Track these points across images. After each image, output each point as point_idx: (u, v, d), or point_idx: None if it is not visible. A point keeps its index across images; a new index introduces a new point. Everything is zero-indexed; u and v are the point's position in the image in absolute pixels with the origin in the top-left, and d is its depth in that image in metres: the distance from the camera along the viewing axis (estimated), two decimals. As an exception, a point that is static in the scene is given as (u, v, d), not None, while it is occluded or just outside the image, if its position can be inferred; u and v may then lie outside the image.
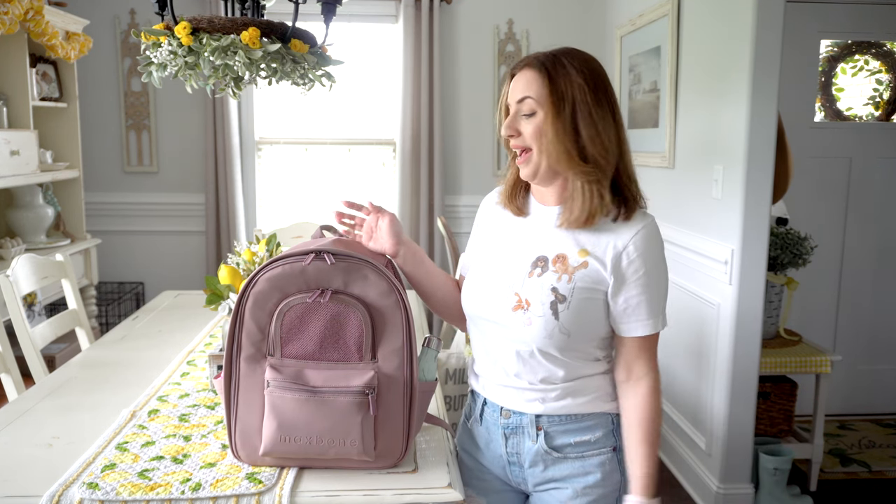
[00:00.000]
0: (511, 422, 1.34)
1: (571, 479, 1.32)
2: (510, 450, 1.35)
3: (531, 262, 1.30)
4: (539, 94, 1.25)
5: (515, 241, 1.35)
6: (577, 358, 1.30)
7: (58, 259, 2.37)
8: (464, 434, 1.46)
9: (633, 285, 1.26)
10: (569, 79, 1.24)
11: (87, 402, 1.68)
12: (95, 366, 1.95)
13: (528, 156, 1.28)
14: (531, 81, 1.26)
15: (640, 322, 1.27)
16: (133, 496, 1.22)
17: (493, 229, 1.42)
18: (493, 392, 1.37)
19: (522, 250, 1.33)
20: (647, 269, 1.26)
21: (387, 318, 1.28)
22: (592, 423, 1.32)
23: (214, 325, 2.31)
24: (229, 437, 1.32)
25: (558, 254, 1.29)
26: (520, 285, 1.29)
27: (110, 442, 1.43)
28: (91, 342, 2.34)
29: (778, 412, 2.88)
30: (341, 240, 1.41)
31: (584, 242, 1.28)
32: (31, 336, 2.06)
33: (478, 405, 1.41)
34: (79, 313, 2.36)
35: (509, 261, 1.33)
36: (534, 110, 1.26)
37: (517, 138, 1.29)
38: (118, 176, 4.08)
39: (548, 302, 1.25)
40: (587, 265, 1.26)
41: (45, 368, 2.08)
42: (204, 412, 1.61)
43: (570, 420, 1.31)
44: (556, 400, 1.30)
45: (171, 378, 1.83)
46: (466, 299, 1.38)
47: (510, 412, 1.34)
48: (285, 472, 1.30)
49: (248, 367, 1.29)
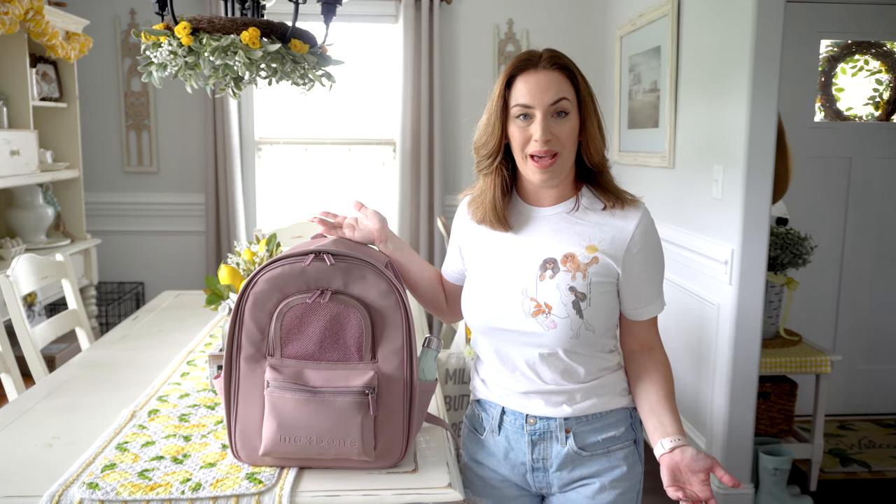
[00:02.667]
0: (538, 427, 1.33)
1: (599, 474, 1.33)
2: (536, 456, 1.34)
3: (539, 266, 1.29)
4: (572, 94, 1.26)
5: (514, 247, 1.34)
6: (596, 352, 1.32)
7: (58, 259, 2.37)
8: (474, 446, 1.43)
9: (642, 271, 1.31)
10: (584, 77, 1.29)
11: (87, 402, 1.68)
12: (95, 366, 1.95)
13: (556, 160, 1.26)
14: (562, 83, 1.26)
15: (652, 304, 1.34)
16: (133, 496, 1.22)
17: (481, 241, 1.39)
18: (514, 401, 1.34)
19: (525, 256, 1.32)
20: (652, 253, 1.32)
21: (387, 318, 1.28)
22: (615, 419, 1.34)
23: (214, 325, 2.31)
24: (229, 438, 1.32)
25: (566, 253, 1.29)
26: (534, 290, 1.28)
27: (110, 442, 1.43)
28: (91, 342, 2.34)
29: (778, 412, 2.88)
30: (341, 240, 1.40)
31: (590, 237, 1.29)
32: (31, 336, 2.07)
33: (493, 416, 1.38)
34: (79, 313, 2.36)
35: (514, 267, 1.32)
36: (568, 109, 1.26)
37: (551, 143, 1.24)
38: (118, 176, 4.08)
39: (569, 302, 1.26)
40: (598, 260, 1.28)
41: (45, 368, 2.08)
42: (204, 412, 1.61)
43: (596, 419, 1.32)
44: (583, 400, 1.31)
45: (171, 378, 1.83)
46: (475, 312, 1.35)
47: (536, 418, 1.33)
48: (285, 472, 1.30)
49: (248, 367, 1.29)
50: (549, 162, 1.26)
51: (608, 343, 1.34)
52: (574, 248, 1.29)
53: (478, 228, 1.40)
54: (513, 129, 1.28)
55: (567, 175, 1.32)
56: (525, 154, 1.27)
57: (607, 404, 1.33)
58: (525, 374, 1.32)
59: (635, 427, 1.37)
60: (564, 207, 1.33)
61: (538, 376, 1.31)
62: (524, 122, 1.26)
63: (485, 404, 1.41)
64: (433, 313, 1.56)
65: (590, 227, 1.30)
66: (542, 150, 1.24)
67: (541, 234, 1.32)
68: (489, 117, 1.30)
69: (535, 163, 1.26)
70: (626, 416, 1.36)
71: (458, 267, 1.47)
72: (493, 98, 1.30)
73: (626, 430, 1.35)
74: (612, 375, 1.35)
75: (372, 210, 1.45)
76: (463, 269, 1.45)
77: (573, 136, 1.27)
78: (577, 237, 1.30)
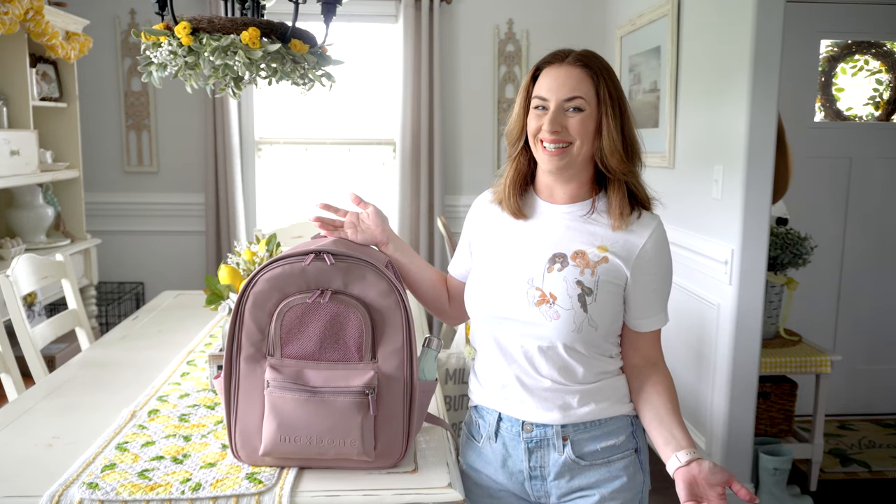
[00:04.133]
0: (534, 435, 1.31)
1: (598, 485, 1.30)
2: (534, 464, 1.32)
3: (548, 258, 1.30)
4: (589, 92, 1.27)
5: (524, 239, 1.34)
6: (596, 354, 1.30)
7: (58, 259, 2.37)
8: (471, 453, 1.41)
9: (651, 280, 1.31)
10: (612, 79, 1.29)
11: (87, 402, 1.68)
12: (95, 366, 1.94)
13: (568, 150, 1.28)
14: (581, 80, 1.27)
15: (656, 316, 1.34)
16: (133, 496, 1.22)
17: (493, 232, 1.40)
18: (511, 406, 1.33)
19: (535, 248, 1.32)
20: (662, 266, 1.32)
21: (387, 318, 1.28)
22: (615, 426, 1.32)
23: (214, 325, 2.31)
24: (229, 437, 1.32)
25: (576, 250, 1.29)
26: (540, 280, 1.28)
27: (110, 442, 1.43)
28: (91, 342, 2.34)
29: (778, 412, 2.88)
30: (342, 240, 1.40)
31: (602, 238, 1.30)
32: (31, 336, 2.07)
33: (489, 422, 1.36)
34: (79, 313, 2.36)
35: (522, 258, 1.32)
36: (583, 107, 1.27)
37: (560, 133, 1.27)
38: (118, 176, 4.08)
39: (575, 295, 1.26)
40: (608, 260, 1.28)
41: (45, 368, 2.08)
42: (204, 412, 1.61)
43: (594, 426, 1.30)
44: (580, 406, 1.29)
45: (171, 378, 1.83)
46: (477, 300, 1.35)
47: (532, 425, 1.31)
48: (285, 472, 1.30)
49: (248, 367, 1.28)
50: (560, 150, 1.28)
51: (609, 348, 1.33)
52: (585, 246, 1.30)
53: (491, 217, 1.41)
54: (530, 119, 1.32)
55: (581, 171, 1.32)
56: (537, 140, 1.30)
57: (606, 411, 1.31)
58: (522, 366, 1.30)
59: (637, 435, 1.34)
60: (579, 208, 1.34)
61: (535, 370, 1.29)
62: (541, 112, 1.30)
63: (482, 410, 1.39)
64: (434, 314, 1.55)
65: (603, 229, 1.31)
66: (551, 139, 1.27)
67: (553, 229, 1.33)
68: (516, 107, 1.36)
69: (545, 150, 1.29)
70: (627, 424, 1.33)
71: (467, 265, 1.47)
72: (521, 89, 1.35)
73: (627, 439, 1.33)
74: (613, 381, 1.33)
75: (373, 208, 1.45)
76: (470, 268, 1.45)
77: (586, 131, 1.28)
78: (589, 236, 1.31)
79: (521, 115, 1.34)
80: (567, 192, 1.34)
